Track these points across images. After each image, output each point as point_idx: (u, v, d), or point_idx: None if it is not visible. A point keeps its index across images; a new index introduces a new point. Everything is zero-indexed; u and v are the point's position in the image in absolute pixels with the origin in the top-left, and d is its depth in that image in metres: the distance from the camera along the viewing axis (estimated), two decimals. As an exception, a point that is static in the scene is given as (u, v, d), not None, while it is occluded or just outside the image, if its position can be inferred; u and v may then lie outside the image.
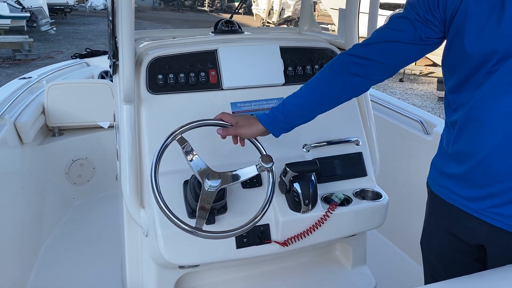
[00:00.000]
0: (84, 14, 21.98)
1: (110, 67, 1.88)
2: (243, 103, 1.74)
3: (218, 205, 1.48)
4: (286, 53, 1.83)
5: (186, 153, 1.40)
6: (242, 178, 1.43)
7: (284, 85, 1.81)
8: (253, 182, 1.62)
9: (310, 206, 1.57)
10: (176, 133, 1.42)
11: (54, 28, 15.18)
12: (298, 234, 1.60)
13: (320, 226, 1.61)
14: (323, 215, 1.61)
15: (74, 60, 4.45)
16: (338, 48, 1.96)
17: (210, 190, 1.36)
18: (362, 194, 1.74)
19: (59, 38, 14.72)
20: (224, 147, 1.62)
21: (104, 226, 3.04)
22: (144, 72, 1.66)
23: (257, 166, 1.43)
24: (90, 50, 4.68)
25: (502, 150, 1.20)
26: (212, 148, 1.62)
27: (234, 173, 1.42)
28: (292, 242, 1.60)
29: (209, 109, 1.64)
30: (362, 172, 1.79)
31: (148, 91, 1.65)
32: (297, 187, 1.55)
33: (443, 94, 1.49)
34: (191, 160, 1.40)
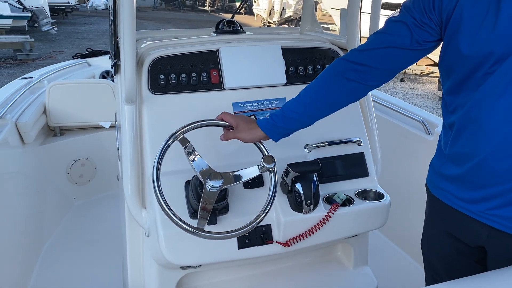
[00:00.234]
0: (85, 14, 22.00)
1: (112, 67, 1.88)
2: (245, 103, 1.74)
3: (220, 205, 1.48)
4: (288, 53, 1.83)
5: (188, 153, 1.40)
6: (244, 179, 1.43)
7: (286, 85, 1.81)
8: (254, 182, 1.62)
9: (312, 206, 1.57)
10: (178, 133, 1.42)
11: (55, 28, 15.20)
12: (300, 235, 1.60)
13: (322, 226, 1.61)
14: (325, 216, 1.61)
15: (75, 60, 4.46)
16: (340, 48, 1.95)
17: (212, 190, 1.36)
18: (364, 195, 1.74)
19: (60, 38, 14.74)
20: (226, 148, 1.62)
21: (105, 226, 3.04)
22: (145, 72, 1.66)
23: (259, 166, 1.43)
24: (91, 50, 4.68)
25: (501, 151, 1.19)
26: (214, 148, 1.62)
27: (236, 173, 1.42)
28: (294, 243, 1.60)
29: (210, 109, 1.64)
30: (364, 172, 1.79)
31: (149, 91, 1.65)
32: (299, 188, 1.55)
33: (445, 94, 1.49)
34: (193, 160, 1.40)
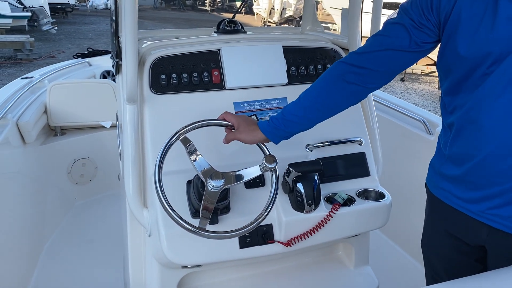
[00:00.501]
0: (85, 14, 22.01)
1: (113, 67, 1.88)
2: (246, 103, 1.74)
3: (222, 205, 1.48)
4: (289, 53, 1.83)
5: (190, 153, 1.41)
6: (246, 178, 1.43)
7: (287, 85, 1.81)
8: (256, 182, 1.62)
9: (313, 206, 1.57)
10: (179, 133, 1.42)
11: (55, 27, 15.20)
12: (301, 234, 1.60)
13: (323, 226, 1.61)
14: (326, 215, 1.61)
15: (76, 59, 4.46)
16: (341, 48, 1.96)
17: (213, 190, 1.36)
18: (365, 194, 1.74)
19: (60, 38, 14.74)
20: (227, 147, 1.62)
21: (106, 226, 3.04)
22: (147, 72, 1.66)
23: (260, 166, 1.43)
24: (92, 50, 4.68)
25: (500, 151, 1.20)
26: (215, 148, 1.62)
27: (237, 173, 1.42)
28: (295, 242, 1.60)
29: (212, 109, 1.64)
30: (365, 172, 1.79)
31: (151, 91, 1.65)
32: (300, 187, 1.55)
33: (445, 93, 1.49)
34: (195, 160, 1.40)
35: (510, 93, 1.15)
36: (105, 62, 4.29)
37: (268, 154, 1.48)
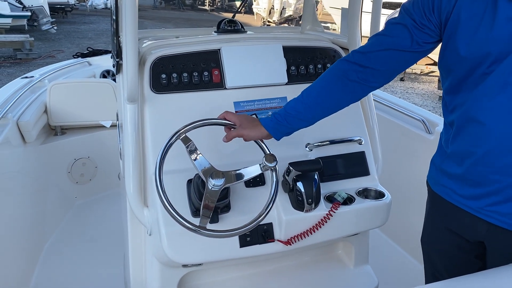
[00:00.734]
0: (84, 13, 22.01)
1: (114, 67, 1.89)
2: (246, 103, 1.75)
3: (222, 204, 1.49)
4: (289, 52, 1.84)
5: (190, 152, 1.41)
6: (246, 177, 1.44)
7: (287, 84, 1.81)
8: (256, 181, 1.63)
9: (313, 205, 1.57)
10: (180, 132, 1.42)
11: (55, 27, 15.20)
12: (301, 233, 1.61)
13: (323, 225, 1.61)
14: (326, 214, 1.62)
15: (76, 59, 4.46)
16: (341, 47, 1.96)
17: (213, 189, 1.37)
18: (365, 193, 1.74)
19: (60, 37, 14.73)
20: (227, 147, 1.62)
21: (106, 225, 3.05)
22: (147, 71, 1.67)
23: (260, 165, 1.43)
24: (91, 49, 4.68)
25: (499, 149, 1.21)
26: (215, 147, 1.62)
27: (237, 172, 1.42)
28: (295, 241, 1.61)
29: (212, 108, 1.64)
30: (365, 171, 1.80)
31: (151, 91, 1.66)
32: (300, 186, 1.55)
33: (445, 93, 1.50)
34: (195, 159, 1.40)
35: (509, 91, 1.17)
36: (105, 62, 4.29)
37: (268, 153, 1.48)
